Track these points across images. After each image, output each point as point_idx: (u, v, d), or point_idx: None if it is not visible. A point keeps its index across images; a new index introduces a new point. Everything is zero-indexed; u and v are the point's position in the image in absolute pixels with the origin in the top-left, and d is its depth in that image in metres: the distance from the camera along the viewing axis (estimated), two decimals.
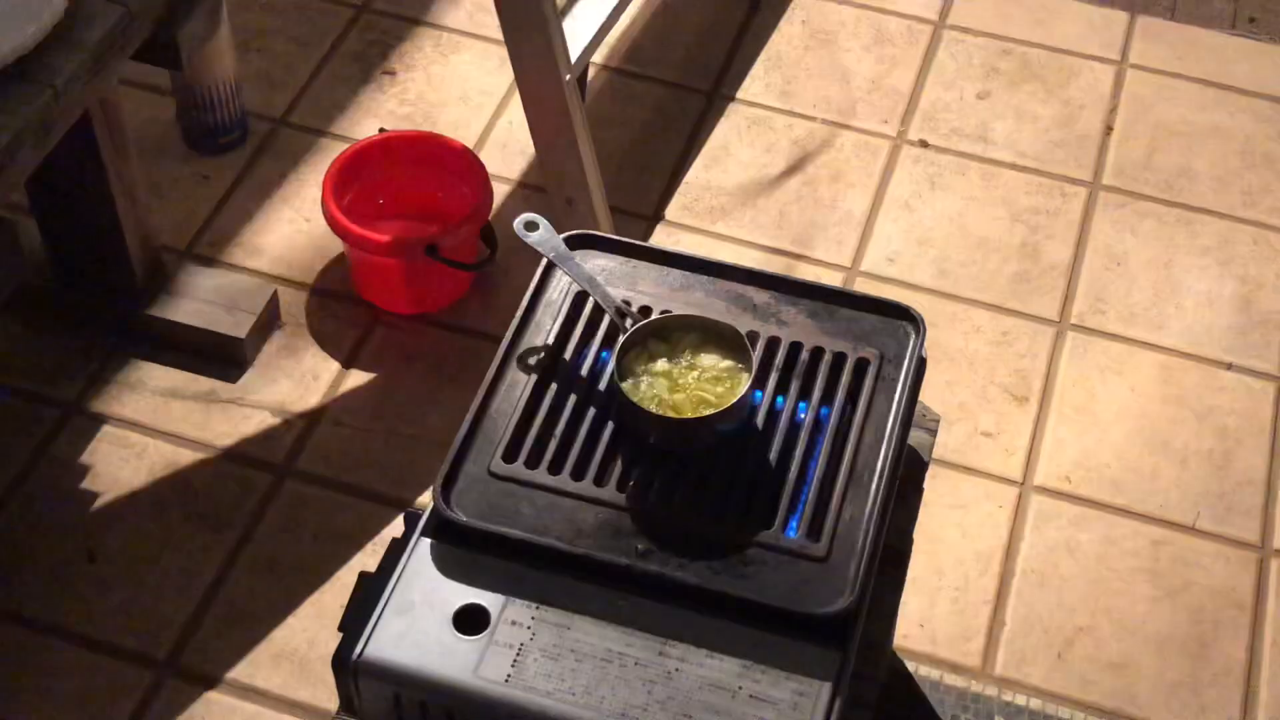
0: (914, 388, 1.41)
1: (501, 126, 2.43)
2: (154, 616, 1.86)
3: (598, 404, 1.38)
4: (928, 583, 1.93)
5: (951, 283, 2.26)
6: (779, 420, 1.37)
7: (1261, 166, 2.43)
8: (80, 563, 1.90)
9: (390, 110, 2.44)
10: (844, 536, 1.29)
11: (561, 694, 1.19)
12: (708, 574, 1.26)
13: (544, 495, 1.31)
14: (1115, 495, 2.03)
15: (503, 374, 1.39)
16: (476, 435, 1.35)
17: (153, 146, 2.35)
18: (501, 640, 1.22)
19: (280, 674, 1.82)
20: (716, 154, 2.41)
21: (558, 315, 1.44)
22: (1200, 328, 2.22)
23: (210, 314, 2.10)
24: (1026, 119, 2.48)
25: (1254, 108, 2.51)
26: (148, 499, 1.97)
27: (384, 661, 1.21)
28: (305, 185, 2.34)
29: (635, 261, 1.49)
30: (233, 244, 2.26)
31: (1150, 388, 2.15)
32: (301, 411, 2.07)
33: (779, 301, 1.46)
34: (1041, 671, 1.87)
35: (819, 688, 1.20)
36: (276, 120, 2.42)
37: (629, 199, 2.34)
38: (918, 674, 1.85)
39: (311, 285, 2.21)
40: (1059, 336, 2.20)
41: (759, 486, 1.33)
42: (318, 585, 1.89)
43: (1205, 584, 1.95)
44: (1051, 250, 2.30)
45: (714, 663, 1.21)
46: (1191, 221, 2.35)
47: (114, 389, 2.07)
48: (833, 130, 2.45)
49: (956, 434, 2.08)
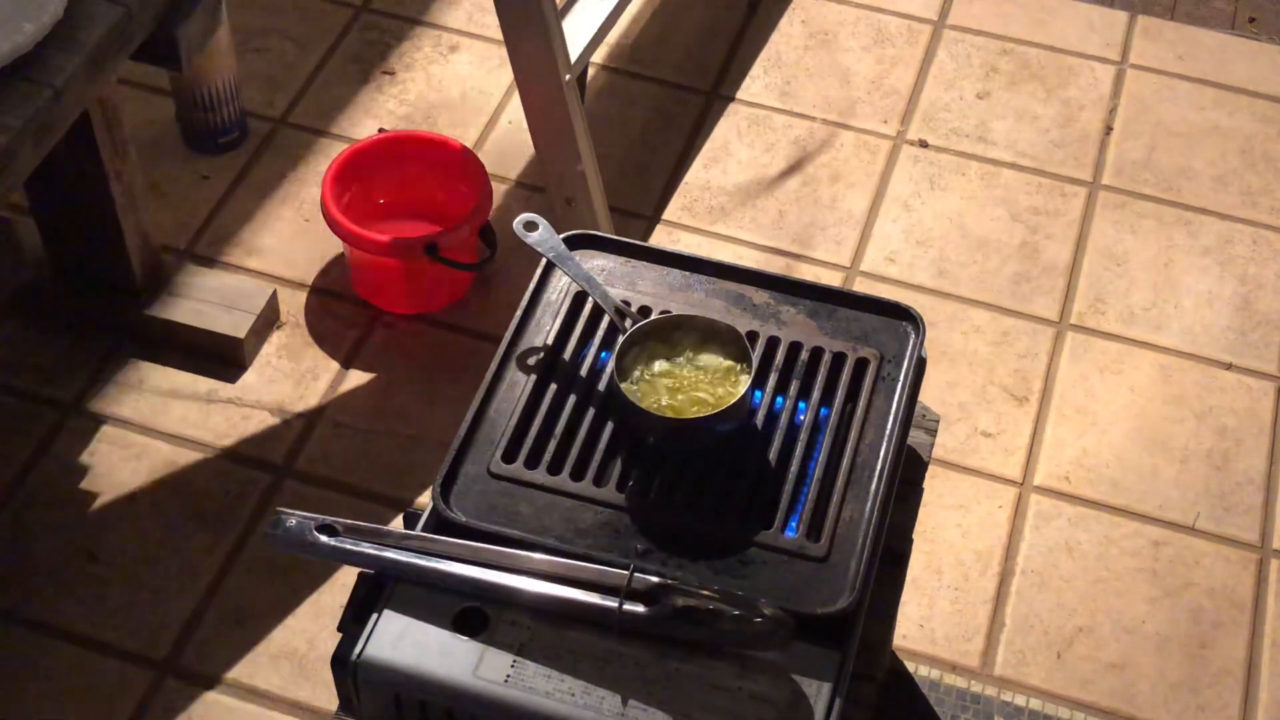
0: (914, 388, 1.41)
1: (501, 126, 2.43)
2: (154, 616, 1.86)
3: (597, 404, 1.38)
4: (927, 583, 1.93)
5: (951, 283, 2.26)
6: (779, 420, 1.37)
7: (1261, 166, 2.43)
8: (80, 563, 1.90)
9: (390, 110, 2.44)
10: (844, 536, 1.29)
11: (561, 694, 1.19)
12: (708, 574, 1.26)
13: (543, 495, 1.31)
14: (1115, 495, 2.03)
15: (502, 374, 1.39)
16: (476, 435, 1.35)
17: (152, 146, 2.35)
18: (501, 640, 1.22)
19: (280, 674, 1.82)
20: (716, 154, 2.41)
21: (557, 315, 1.44)
22: (1200, 328, 2.22)
23: (210, 314, 2.10)
24: (1026, 119, 2.48)
25: (1254, 108, 2.51)
26: (148, 499, 1.97)
27: (384, 662, 1.21)
28: (305, 185, 2.34)
29: (635, 261, 1.49)
30: (232, 244, 2.26)
31: (1150, 388, 2.15)
32: (301, 411, 2.07)
33: (778, 301, 1.46)
34: (1041, 671, 1.87)
35: (819, 688, 1.20)
36: (276, 120, 2.42)
37: (628, 199, 2.34)
38: (917, 674, 1.85)
39: (311, 285, 2.21)
40: (1059, 336, 2.21)
41: (759, 486, 1.33)
42: (317, 585, 1.90)
43: (1205, 584, 1.95)
44: (1051, 250, 2.30)
45: (714, 663, 1.21)
46: (1191, 221, 2.35)
47: (114, 389, 2.07)
48: (832, 130, 2.45)
49: (956, 434, 2.08)
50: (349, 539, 1.27)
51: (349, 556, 1.27)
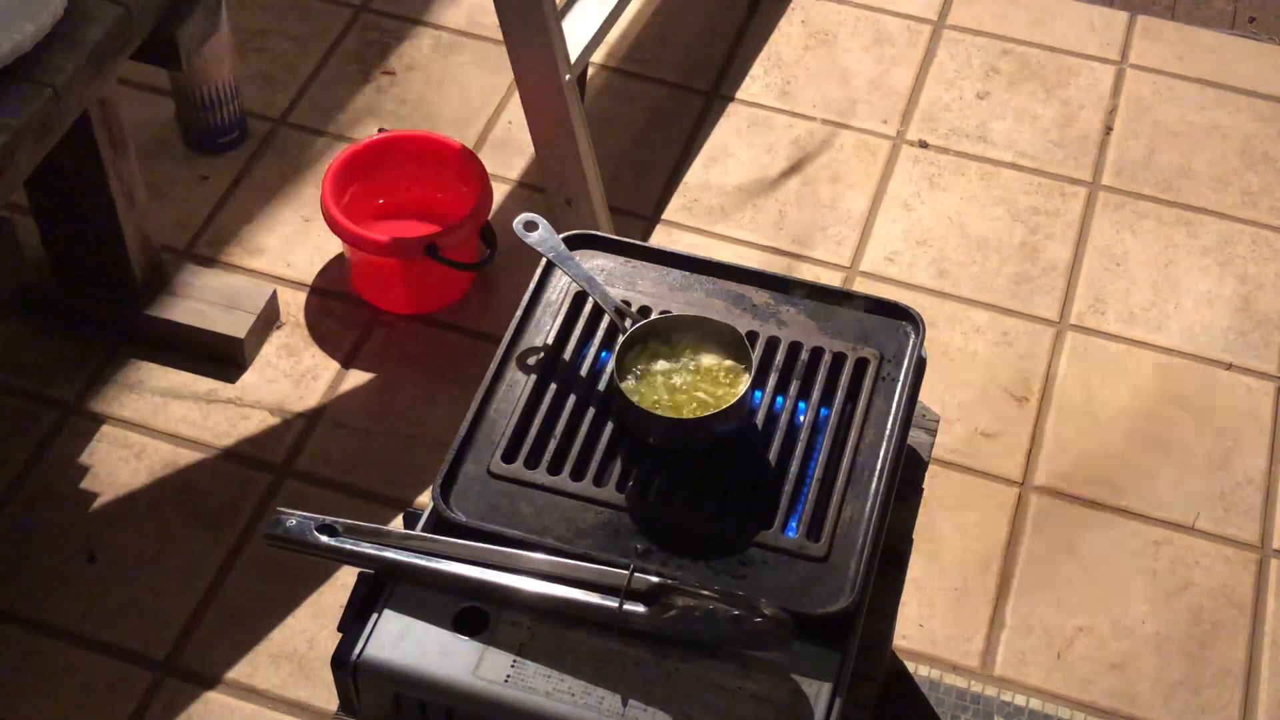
0: (914, 387, 1.41)
1: (501, 126, 2.43)
2: (153, 616, 1.86)
3: (597, 404, 1.38)
4: (927, 583, 1.93)
5: (951, 283, 2.26)
6: (779, 420, 1.37)
7: (1261, 166, 2.43)
8: (80, 563, 1.90)
9: (390, 110, 2.44)
10: (844, 536, 1.29)
11: (561, 694, 1.19)
12: (708, 574, 1.25)
13: (543, 495, 1.31)
14: (1115, 496, 2.03)
15: (502, 374, 1.39)
16: (476, 435, 1.35)
17: (152, 146, 2.35)
18: (501, 641, 1.22)
19: (280, 674, 1.82)
20: (716, 154, 2.41)
21: (557, 315, 1.44)
22: (1200, 328, 2.22)
23: (209, 314, 2.10)
24: (1026, 119, 2.48)
25: (1254, 107, 2.51)
26: (147, 499, 1.97)
27: (384, 662, 1.21)
28: (304, 185, 2.33)
29: (635, 261, 1.49)
30: (232, 244, 2.26)
31: (1150, 388, 2.15)
32: (301, 411, 2.07)
33: (778, 301, 1.46)
34: (1041, 672, 1.87)
35: (818, 688, 1.20)
36: (276, 120, 2.42)
37: (628, 199, 2.34)
38: (917, 674, 1.85)
39: (311, 285, 2.21)
40: (1059, 336, 2.20)
41: (759, 487, 1.33)
42: (317, 585, 1.89)
43: (1205, 584, 1.95)
44: (1051, 250, 2.30)
45: (714, 663, 1.21)
46: (1191, 221, 2.35)
47: (113, 389, 2.07)
48: (832, 130, 2.45)
49: (956, 434, 2.08)
50: (349, 539, 1.27)
51: (349, 556, 1.27)
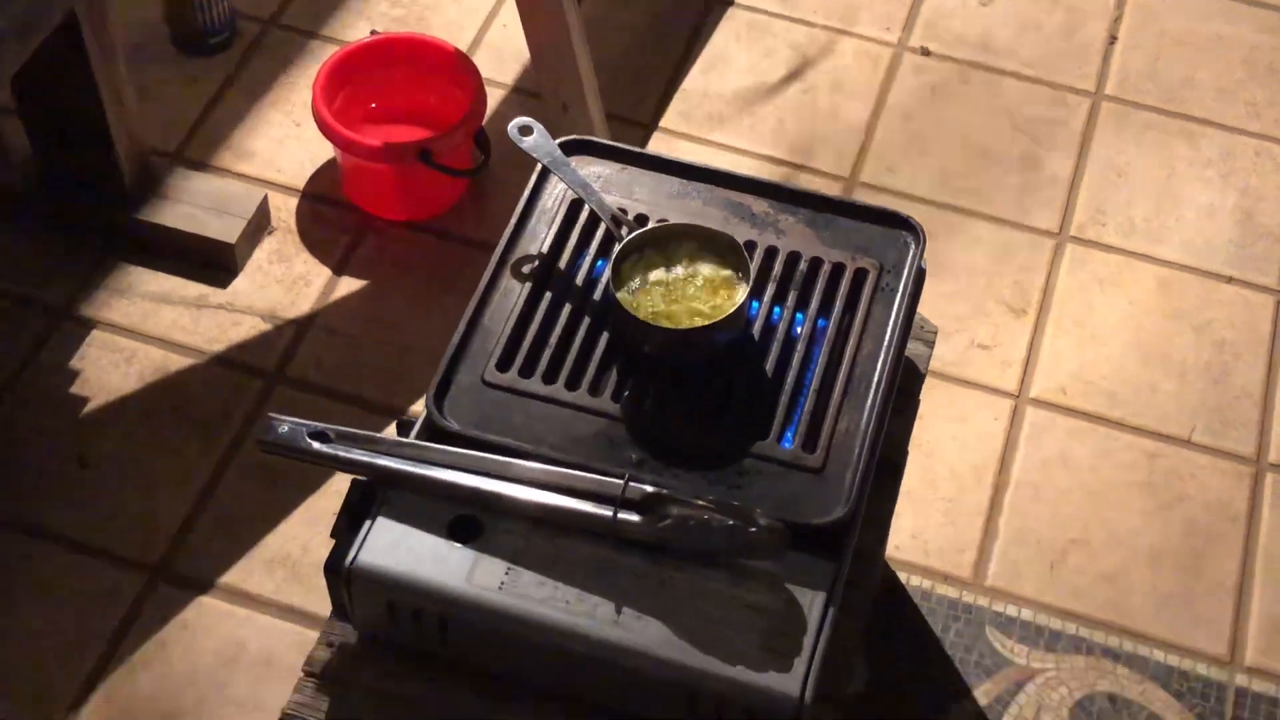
0: (913, 298, 1.40)
1: (495, 29, 2.39)
2: (146, 521, 1.86)
3: (593, 313, 1.36)
4: (922, 494, 1.93)
5: (952, 194, 2.24)
6: (776, 330, 1.36)
7: (1265, 78, 2.40)
8: (71, 468, 1.90)
9: (382, 12, 2.40)
10: (840, 447, 1.28)
11: (555, 601, 1.18)
12: (703, 484, 1.25)
13: (538, 405, 1.30)
14: (1111, 408, 2.03)
15: (496, 282, 1.38)
16: (470, 344, 1.33)
17: (140, 48, 2.31)
18: (495, 548, 1.21)
19: (273, 579, 1.82)
20: (714, 60, 2.38)
21: (552, 223, 1.42)
22: (1200, 241, 2.20)
23: (200, 218, 2.08)
24: (1030, 27, 2.44)
25: (1259, 18, 2.48)
26: (138, 404, 1.96)
27: (377, 568, 1.21)
28: (295, 88, 2.30)
29: (631, 168, 1.47)
30: (222, 148, 2.23)
31: (1149, 301, 2.14)
32: (293, 318, 2.05)
33: (777, 210, 1.44)
34: (1034, 583, 1.87)
35: (812, 597, 1.20)
36: (266, 21, 2.38)
37: (625, 106, 2.31)
38: (909, 584, 1.86)
39: (302, 190, 2.19)
40: (1058, 249, 2.19)
41: (755, 397, 1.32)
42: (311, 491, 1.89)
43: (1199, 497, 1.95)
44: (1053, 162, 2.28)
45: (708, 572, 1.20)
46: (1194, 133, 2.33)
47: (103, 294, 2.06)
48: (833, 36, 2.41)
49: (954, 346, 2.07)
50: (342, 445, 1.26)
51: (342, 463, 1.26)
